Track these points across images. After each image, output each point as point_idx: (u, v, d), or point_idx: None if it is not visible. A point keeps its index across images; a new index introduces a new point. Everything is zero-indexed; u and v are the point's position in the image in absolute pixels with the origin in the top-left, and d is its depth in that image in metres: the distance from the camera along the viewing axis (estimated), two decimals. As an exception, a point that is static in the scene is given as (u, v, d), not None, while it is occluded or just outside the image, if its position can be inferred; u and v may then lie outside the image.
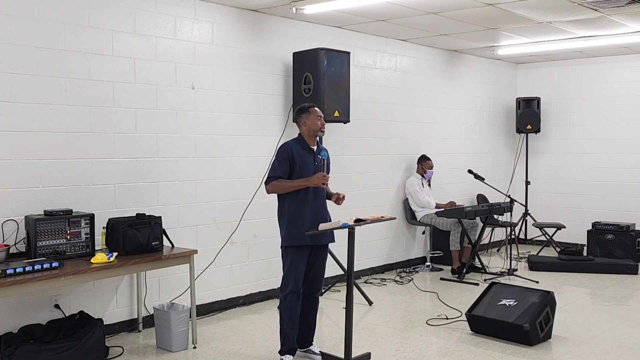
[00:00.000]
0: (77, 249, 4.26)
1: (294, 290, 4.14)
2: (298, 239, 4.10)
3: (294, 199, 4.13)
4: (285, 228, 4.16)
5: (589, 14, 5.91)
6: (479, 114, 8.81)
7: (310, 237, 4.06)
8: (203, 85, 5.39)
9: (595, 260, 7.42)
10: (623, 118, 8.53)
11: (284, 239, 4.17)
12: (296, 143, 4.20)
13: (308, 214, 4.12)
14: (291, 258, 4.13)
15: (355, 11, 5.87)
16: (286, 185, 4.09)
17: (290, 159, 4.10)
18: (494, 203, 7.36)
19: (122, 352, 4.45)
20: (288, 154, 4.11)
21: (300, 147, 4.17)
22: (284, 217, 4.16)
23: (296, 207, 4.12)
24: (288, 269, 4.14)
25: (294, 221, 4.12)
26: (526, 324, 4.54)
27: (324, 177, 4.09)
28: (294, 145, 4.17)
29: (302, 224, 4.09)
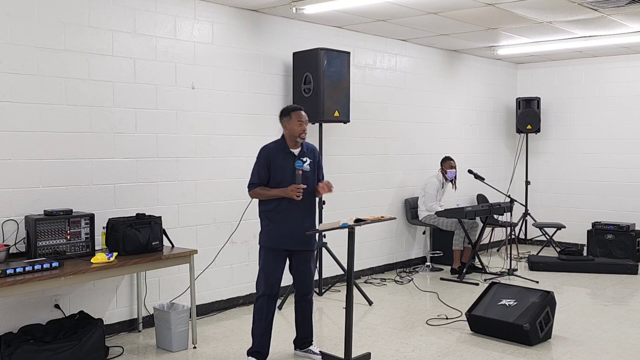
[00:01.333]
0: (77, 249, 4.26)
1: (266, 293, 4.10)
2: (271, 242, 4.09)
3: (270, 203, 4.10)
4: (261, 228, 4.17)
5: (589, 14, 5.91)
6: (479, 114, 8.82)
7: (285, 241, 4.06)
8: (203, 85, 5.40)
9: (595, 260, 7.42)
10: (623, 118, 8.53)
11: (259, 239, 4.19)
12: (276, 145, 4.12)
13: (284, 220, 4.05)
14: (263, 259, 4.13)
15: (355, 11, 5.87)
16: (265, 194, 4.07)
17: (267, 164, 4.05)
18: (494, 203, 7.36)
19: (122, 352, 4.45)
20: (266, 158, 4.06)
21: (280, 150, 4.08)
22: (261, 218, 4.17)
23: (272, 211, 4.08)
24: (260, 269, 4.14)
25: (268, 224, 4.11)
26: (526, 324, 4.54)
27: (297, 189, 3.96)
28: (272, 148, 4.10)
29: (276, 229, 4.07)
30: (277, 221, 4.07)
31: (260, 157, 4.09)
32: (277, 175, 4.04)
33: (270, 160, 4.05)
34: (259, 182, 4.07)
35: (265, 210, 4.13)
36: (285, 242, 4.09)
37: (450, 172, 7.36)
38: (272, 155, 4.06)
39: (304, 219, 4.12)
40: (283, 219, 4.05)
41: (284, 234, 4.07)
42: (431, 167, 7.88)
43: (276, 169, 4.04)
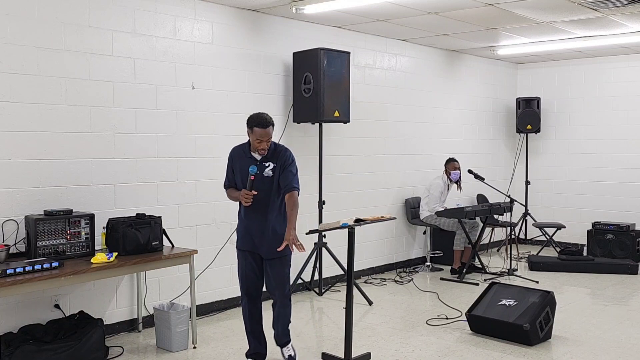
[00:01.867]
0: (77, 249, 4.26)
1: (243, 294, 4.11)
2: (238, 242, 4.10)
3: (239, 205, 4.10)
4: (236, 230, 4.17)
5: (589, 14, 5.91)
6: (479, 114, 8.82)
7: (247, 244, 4.01)
8: (203, 85, 5.40)
9: (595, 260, 7.42)
10: (623, 118, 8.53)
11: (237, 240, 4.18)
12: (240, 148, 4.08)
13: (246, 223, 4.02)
14: (239, 260, 4.11)
15: (355, 11, 5.87)
16: (231, 196, 4.11)
17: (232, 166, 4.07)
18: (494, 203, 7.35)
19: (122, 352, 4.45)
20: (230, 160, 4.09)
21: (243, 154, 4.03)
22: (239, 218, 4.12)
23: (239, 213, 4.09)
24: (238, 270, 4.14)
25: (238, 225, 4.11)
26: (526, 324, 4.54)
27: (245, 195, 3.85)
28: (237, 150, 4.07)
29: (240, 231, 4.08)
30: (242, 223, 4.05)
31: (229, 159, 4.12)
32: (238, 179, 4.04)
33: (233, 163, 4.07)
34: (228, 184, 4.12)
35: (240, 212, 4.10)
36: (247, 244, 4.03)
37: (454, 173, 7.35)
38: (235, 157, 4.06)
39: (265, 224, 3.96)
40: (245, 222, 4.03)
41: (246, 236, 4.03)
42: (431, 167, 7.89)
43: (237, 172, 4.03)
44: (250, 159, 3.97)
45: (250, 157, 3.98)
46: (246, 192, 3.86)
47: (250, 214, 3.98)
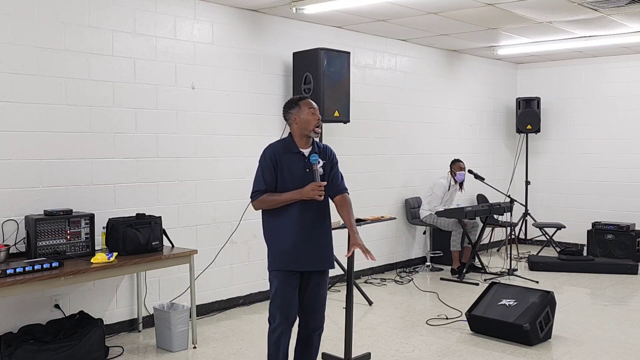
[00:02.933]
0: (77, 249, 4.26)
1: (282, 323, 3.43)
2: (280, 263, 3.41)
3: (276, 214, 3.42)
4: (268, 248, 3.50)
5: (589, 14, 5.91)
6: (479, 114, 8.82)
7: (296, 262, 3.39)
8: (203, 85, 5.39)
9: (595, 260, 7.42)
10: (623, 118, 8.53)
11: (268, 262, 3.50)
12: (282, 145, 3.46)
13: (293, 233, 3.38)
14: (276, 285, 3.44)
15: (355, 11, 5.87)
16: (275, 200, 3.37)
17: (274, 166, 3.39)
18: (494, 203, 7.36)
19: (122, 352, 4.45)
20: (271, 159, 3.39)
21: (287, 150, 3.42)
22: (267, 235, 3.50)
23: (278, 225, 3.42)
24: (273, 296, 3.45)
25: (275, 241, 3.44)
26: (526, 324, 4.54)
27: (319, 187, 3.33)
28: (279, 147, 3.44)
29: (285, 246, 3.39)
30: (285, 236, 3.39)
31: (264, 159, 3.42)
32: (285, 180, 3.38)
33: (276, 162, 3.39)
34: (266, 189, 3.38)
35: (269, 227, 3.47)
36: (295, 262, 3.39)
37: (459, 174, 7.35)
38: (278, 155, 3.40)
39: (319, 231, 3.45)
40: (291, 233, 3.38)
41: (294, 251, 3.38)
42: (431, 167, 7.89)
43: (285, 172, 3.39)
44: (298, 155, 3.41)
45: (298, 153, 3.42)
46: (318, 184, 3.33)
47: (302, 219, 3.38)
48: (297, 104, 3.43)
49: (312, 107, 3.42)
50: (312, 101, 3.46)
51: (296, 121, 3.42)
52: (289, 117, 3.46)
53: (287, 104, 3.49)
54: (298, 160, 3.41)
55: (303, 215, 3.39)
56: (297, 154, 3.42)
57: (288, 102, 3.49)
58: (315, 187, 3.33)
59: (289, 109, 3.46)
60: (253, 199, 3.44)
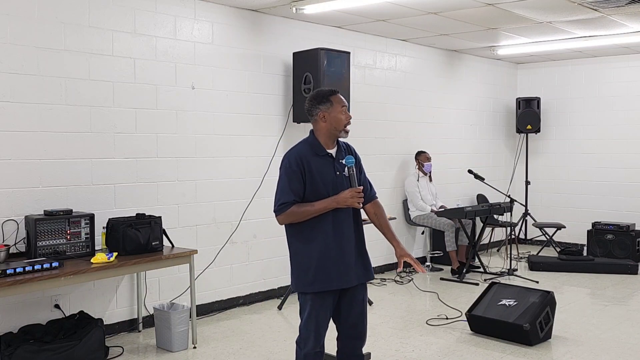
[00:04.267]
0: (77, 249, 4.26)
1: (316, 347, 3.06)
2: (317, 284, 2.99)
3: (306, 228, 3.00)
4: (296, 267, 3.06)
5: (589, 14, 5.91)
6: (479, 114, 8.81)
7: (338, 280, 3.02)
8: (203, 85, 5.39)
9: (595, 260, 7.41)
10: (623, 118, 8.52)
11: (295, 284, 3.09)
12: (307, 147, 3.05)
13: (328, 247, 2.99)
14: (310, 306, 3.02)
15: (355, 11, 5.87)
16: (308, 212, 2.95)
17: (302, 173, 2.97)
18: (494, 203, 7.36)
19: (122, 352, 4.45)
20: (299, 165, 2.97)
21: (314, 153, 3.03)
22: (295, 253, 3.08)
23: (310, 240, 3.00)
24: (307, 319, 3.05)
25: (309, 259, 3.00)
26: (526, 324, 4.54)
27: (358, 193, 2.98)
28: (304, 151, 3.03)
29: (321, 264, 2.99)
30: (320, 252, 2.99)
31: (289, 165, 2.98)
32: (317, 187, 2.99)
33: (304, 167, 2.97)
34: (294, 200, 2.96)
35: (299, 244, 3.04)
36: (333, 280, 3.00)
37: (427, 164, 7.39)
38: (306, 159, 2.99)
39: (356, 241, 3.12)
40: (327, 248, 2.99)
41: (331, 269, 2.99)
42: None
43: (315, 177, 2.98)
44: (326, 158, 3.05)
45: (326, 155, 3.05)
46: (357, 190, 2.98)
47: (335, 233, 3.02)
48: (329, 100, 3.02)
49: (344, 104, 3.05)
50: (342, 97, 3.09)
51: (325, 119, 3.03)
52: (316, 112, 3.04)
53: (316, 97, 3.05)
54: (327, 164, 3.04)
55: (338, 226, 3.01)
56: (324, 156, 3.04)
57: (316, 96, 3.06)
58: (354, 193, 2.97)
59: (318, 103, 3.03)
60: (279, 213, 2.98)
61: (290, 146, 6.52)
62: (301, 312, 3.11)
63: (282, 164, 3.05)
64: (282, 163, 3.05)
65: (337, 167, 3.06)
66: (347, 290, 3.10)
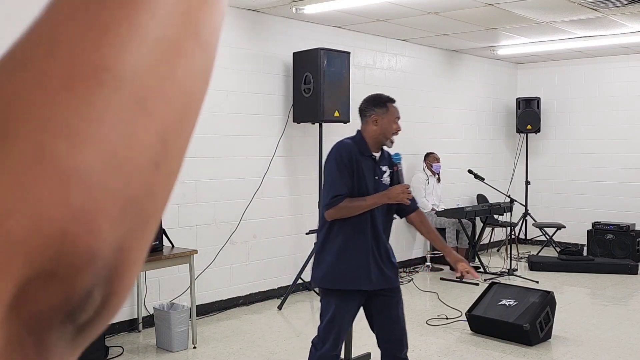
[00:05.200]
0: (77, 249, 4.25)
1: (332, 351, 3.03)
2: (345, 282, 2.98)
3: (346, 225, 2.98)
4: (327, 264, 3.02)
5: (589, 14, 5.90)
6: (478, 114, 8.81)
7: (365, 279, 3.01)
8: (203, 85, 5.38)
9: (595, 260, 7.41)
10: (623, 118, 8.52)
11: (323, 279, 3.05)
12: (356, 145, 3.04)
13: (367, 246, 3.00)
14: (334, 308, 3.00)
15: (355, 11, 5.86)
16: (360, 206, 2.94)
17: (352, 168, 2.97)
18: (494, 203, 7.36)
19: (122, 352, 4.45)
20: (350, 160, 2.96)
21: (361, 152, 3.03)
22: (330, 249, 3.03)
23: (349, 237, 2.99)
24: (328, 321, 3.01)
25: (346, 256, 2.98)
26: (526, 324, 4.54)
27: (408, 188, 3.00)
28: (353, 147, 3.03)
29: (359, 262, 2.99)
30: (355, 250, 2.98)
31: (340, 159, 2.97)
32: (359, 186, 2.97)
33: (353, 164, 2.97)
34: (346, 193, 2.94)
35: (335, 239, 3.01)
36: (364, 280, 2.99)
37: (436, 165, 7.42)
38: (355, 156, 2.99)
39: (387, 245, 3.14)
40: (362, 247, 2.99)
41: (363, 268, 2.98)
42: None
43: (360, 176, 2.98)
44: (370, 159, 3.05)
45: (370, 156, 3.06)
46: (406, 186, 3.02)
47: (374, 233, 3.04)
48: (385, 105, 3.07)
49: (398, 115, 3.11)
50: (397, 107, 3.15)
51: (377, 123, 3.05)
52: (369, 114, 3.08)
53: (374, 100, 3.10)
54: (370, 166, 3.04)
55: (375, 228, 3.03)
56: (369, 157, 3.05)
57: (374, 99, 3.11)
58: (404, 189, 2.98)
59: (374, 106, 3.08)
60: (332, 206, 2.93)
61: (289, 146, 6.55)
62: (323, 313, 3.08)
63: (330, 156, 3.04)
64: (331, 156, 3.03)
65: (377, 172, 3.07)
66: (376, 295, 3.09)
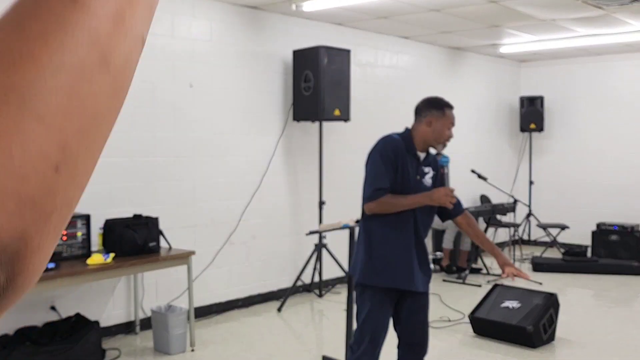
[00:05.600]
0: (73, 250, 4.20)
1: (369, 356, 2.99)
2: (383, 278, 2.96)
3: (391, 221, 2.95)
4: (366, 258, 3.00)
5: (593, 12, 5.83)
6: (482, 112, 8.74)
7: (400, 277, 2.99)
8: (201, 84, 5.33)
9: (600, 261, 7.35)
10: (628, 117, 8.45)
11: (361, 274, 3.02)
12: (403, 141, 3.01)
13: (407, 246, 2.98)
14: (370, 303, 2.97)
15: (355, 8, 5.80)
16: (400, 204, 2.90)
17: (396, 163, 2.94)
18: (497, 203, 7.30)
19: (119, 355, 4.40)
20: (395, 155, 2.94)
21: (407, 150, 2.99)
22: (370, 244, 3.01)
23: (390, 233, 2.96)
24: (363, 321, 2.99)
25: (386, 253, 2.96)
26: (529, 326, 4.48)
27: (452, 192, 2.94)
28: (400, 143, 2.99)
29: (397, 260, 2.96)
30: (400, 248, 2.96)
31: (385, 152, 2.94)
32: (400, 184, 2.93)
33: (396, 159, 2.93)
34: (388, 188, 2.90)
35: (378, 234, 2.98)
36: (405, 279, 2.97)
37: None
38: (400, 152, 2.96)
39: (425, 248, 3.11)
40: (406, 246, 2.97)
41: (405, 267, 2.97)
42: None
43: (403, 174, 2.94)
44: (414, 158, 3.01)
45: (415, 156, 3.02)
46: (451, 189, 2.96)
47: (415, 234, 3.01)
48: (443, 110, 3.04)
49: (453, 122, 3.06)
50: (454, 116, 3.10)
51: (431, 125, 3.02)
52: (425, 115, 3.07)
53: (433, 102, 3.10)
54: (413, 165, 2.98)
55: (417, 228, 3.00)
56: (413, 156, 3.00)
57: (434, 101, 3.11)
58: (448, 192, 2.92)
59: (432, 107, 3.07)
60: (373, 198, 2.89)
61: (290, 145, 6.49)
62: (358, 314, 3.06)
63: (376, 148, 3.01)
64: (377, 148, 3.01)
65: (420, 172, 3.02)
66: (407, 296, 3.05)
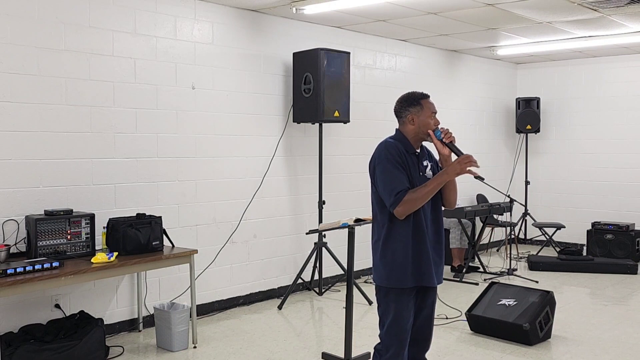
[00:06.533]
0: (77, 248, 4.26)
1: (400, 352, 3.00)
2: (405, 279, 2.98)
3: (406, 222, 2.96)
4: (386, 263, 3.00)
5: (589, 14, 5.91)
6: (478, 114, 8.82)
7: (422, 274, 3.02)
8: (203, 85, 5.40)
9: (595, 260, 7.42)
10: (623, 118, 8.53)
11: (383, 278, 3.01)
12: (401, 143, 3.05)
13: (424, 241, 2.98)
14: (395, 306, 2.98)
15: (355, 11, 5.87)
16: (423, 192, 2.90)
17: (403, 163, 2.98)
18: (493, 203, 7.36)
19: (122, 352, 4.46)
20: (400, 157, 2.97)
21: (406, 150, 3.04)
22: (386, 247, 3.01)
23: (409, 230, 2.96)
24: (390, 324, 2.99)
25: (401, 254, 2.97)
26: (526, 324, 4.55)
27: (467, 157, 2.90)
28: (400, 145, 3.04)
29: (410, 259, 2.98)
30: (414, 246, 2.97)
31: (391, 156, 2.97)
32: (411, 182, 2.98)
33: (402, 160, 2.98)
34: (408, 187, 2.92)
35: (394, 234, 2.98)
36: (419, 276, 3.01)
37: None
38: (403, 154, 3.01)
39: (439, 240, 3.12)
40: (419, 243, 2.98)
41: (424, 265, 3.01)
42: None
43: (409, 173, 2.99)
44: (414, 156, 3.05)
45: (414, 154, 3.06)
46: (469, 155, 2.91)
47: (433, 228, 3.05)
48: (419, 103, 3.02)
49: (434, 110, 3.04)
50: (432, 101, 3.07)
51: (413, 122, 3.03)
52: (405, 115, 3.06)
53: (407, 99, 3.07)
54: (414, 162, 3.03)
55: (434, 220, 3.02)
56: (412, 154, 3.04)
57: (408, 98, 3.07)
58: (469, 157, 2.88)
59: (408, 106, 3.05)
60: (398, 203, 2.88)
61: (290, 146, 6.56)
62: (383, 317, 3.05)
63: (380, 157, 3.01)
64: (381, 156, 3.01)
65: (421, 168, 3.06)
66: (421, 292, 3.09)
